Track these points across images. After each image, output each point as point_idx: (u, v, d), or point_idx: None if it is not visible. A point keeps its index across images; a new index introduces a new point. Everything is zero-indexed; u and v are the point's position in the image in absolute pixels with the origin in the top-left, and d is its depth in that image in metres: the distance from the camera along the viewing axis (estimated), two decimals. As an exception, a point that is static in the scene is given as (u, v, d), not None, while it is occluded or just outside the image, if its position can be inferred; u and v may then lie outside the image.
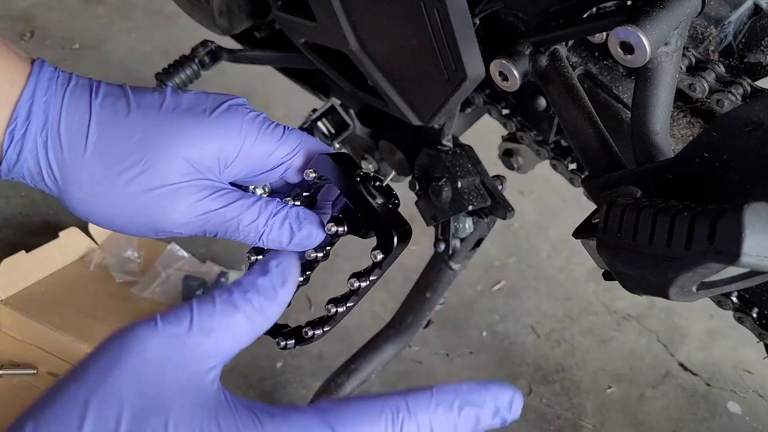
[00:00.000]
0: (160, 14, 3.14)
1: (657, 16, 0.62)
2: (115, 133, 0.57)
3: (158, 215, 0.58)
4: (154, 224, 0.58)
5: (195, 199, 0.58)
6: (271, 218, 0.61)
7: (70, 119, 0.57)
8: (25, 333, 1.71)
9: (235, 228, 0.60)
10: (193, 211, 0.58)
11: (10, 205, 2.13)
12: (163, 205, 0.57)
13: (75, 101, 0.57)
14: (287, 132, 0.63)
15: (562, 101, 0.75)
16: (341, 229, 0.63)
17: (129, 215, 0.58)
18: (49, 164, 0.57)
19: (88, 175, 0.57)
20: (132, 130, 0.57)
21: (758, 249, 0.42)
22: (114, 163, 0.56)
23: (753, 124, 0.51)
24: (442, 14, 0.75)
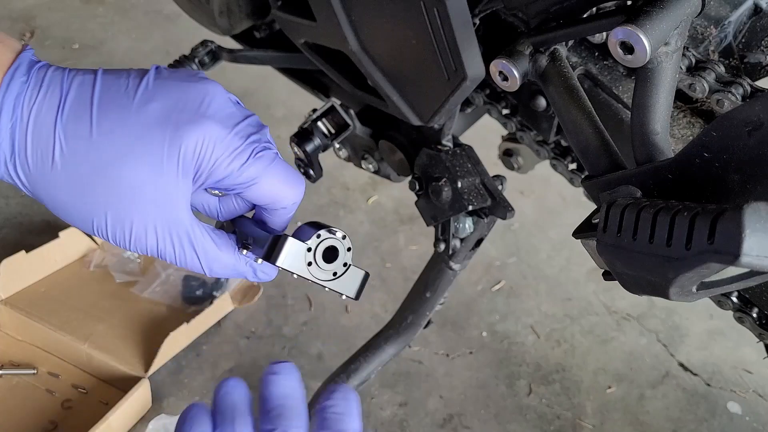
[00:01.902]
0: (160, 14, 3.14)
1: (657, 16, 0.62)
2: (78, 157, 0.56)
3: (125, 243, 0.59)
4: (116, 228, 0.59)
5: (157, 240, 0.59)
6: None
7: (35, 141, 0.56)
8: (25, 333, 1.71)
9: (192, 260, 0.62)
10: (157, 223, 0.59)
11: (10, 205, 2.13)
12: (127, 237, 0.59)
13: (41, 119, 0.56)
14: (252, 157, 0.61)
15: (562, 101, 0.75)
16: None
17: (97, 214, 0.58)
18: (17, 174, 0.57)
19: (58, 186, 0.57)
20: (95, 157, 0.56)
21: (758, 249, 0.42)
22: (79, 189, 0.57)
23: (753, 124, 0.51)
24: (442, 14, 0.75)
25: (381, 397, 1.74)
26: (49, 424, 1.54)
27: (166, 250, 0.60)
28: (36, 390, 1.61)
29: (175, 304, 1.84)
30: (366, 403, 1.72)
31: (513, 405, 1.76)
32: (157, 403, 1.64)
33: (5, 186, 2.18)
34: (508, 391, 1.80)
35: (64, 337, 1.65)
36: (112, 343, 1.67)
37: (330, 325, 1.91)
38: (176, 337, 1.68)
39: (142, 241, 0.59)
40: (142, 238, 0.58)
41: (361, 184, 2.41)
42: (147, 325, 1.75)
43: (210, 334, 1.82)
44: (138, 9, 3.19)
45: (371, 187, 2.39)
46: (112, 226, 0.58)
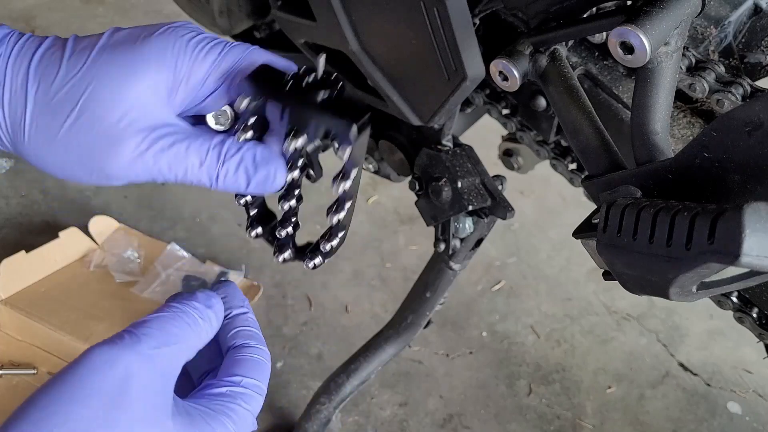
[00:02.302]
0: (160, 14, 3.14)
1: (657, 16, 0.62)
2: (51, 82, 0.56)
3: (102, 162, 0.57)
4: (102, 171, 0.57)
5: (136, 142, 0.56)
6: (224, 162, 0.59)
7: (14, 76, 0.56)
8: (25, 333, 1.71)
9: (184, 173, 0.58)
10: (137, 154, 0.57)
11: (10, 205, 2.13)
12: (105, 151, 0.56)
13: (20, 58, 0.57)
14: (227, 48, 0.60)
15: (562, 101, 0.75)
16: (300, 141, 0.60)
17: (75, 163, 0.57)
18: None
19: (33, 129, 0.56)
20: (66, 77, 0.56)
21: (758, 249, 0.42)
22: (53, 114, 0.56)
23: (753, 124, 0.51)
24: (442, 14, 0.75)
25: (381, 397, 1.74)
26: (50, 423, 1.54)
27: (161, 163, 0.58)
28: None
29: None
30: (366, 403, 1.72)
31: (513, 405, 1.77)
32: (157, 403, 1.64)
33: (5, 186, 2.18)
34: (508, 391, 1.80)
35: (64, 337, 1.65)
36: (112, 343, 1.67)
37: (330, 324, 1.91)
38: (176, 336, 1.68)
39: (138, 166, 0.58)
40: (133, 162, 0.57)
41: (361, 184, 2.40)
42: (147, 325, 1.75)
43: (210, 334, 1.82)
44: (138, 9, 3.19)
45: (371, 187, 2.39)
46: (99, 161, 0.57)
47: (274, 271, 2.04)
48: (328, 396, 1.41)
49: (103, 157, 0.56)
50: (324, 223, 0.65)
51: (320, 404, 1.43)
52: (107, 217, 2.01)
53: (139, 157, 0.57)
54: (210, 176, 0.59)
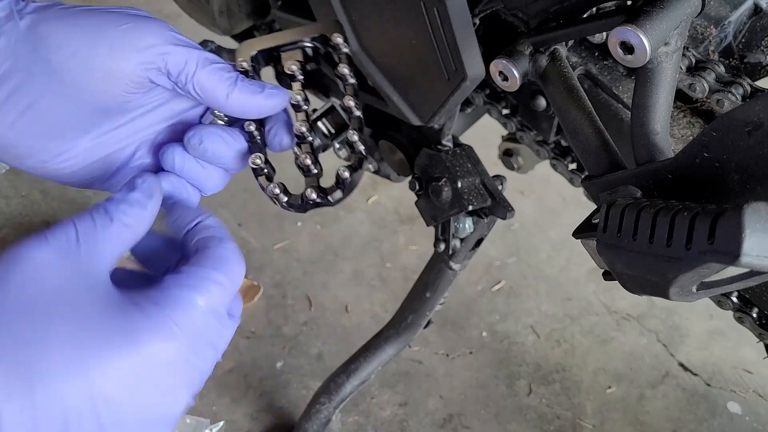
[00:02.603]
0: (160, 14, 3.14)
1: (657, 16, 0.62)
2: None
3: (144, 25, 0.59)
4: (133, 34, 0.58)
5: (170, 27, 0.61)
6: (239, 78, 0.62)
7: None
8: (25, 333, 1.71)
9: (207, 62, 0.60)
10: (169, 28, 0.60)
11: (10, 206, 2.13)
12: (147, 21, 0.60)
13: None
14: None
15: (562, 101, 0.75)
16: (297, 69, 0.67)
17: (107, 24, 0.57)
18: (23, 4, 0.57)
19: (62, 7, 0.58)
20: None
21: (758, 249, 0.42)
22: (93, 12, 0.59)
23: (753, 124, 0.51)
24: (442, 14, 0.75)
25: (381, 396, 1.74)
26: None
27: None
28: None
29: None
30: (366, 403, 1.72)
31: (513, 405, 1.77)
32: (157, 403, 1.64)
33: (6, 186, 2.18)
34: (508, 391, 1.80)
35: (64, 337, 1.65)
36: (112, 343, 1.67)
37: (330, 324, 1.91)
38: (176, 336, 1.68)
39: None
40: None
41: (361, 184, 2.41)
42: (147, 325, 1.75)
43: (210, 334, 1.82)
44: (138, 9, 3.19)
45: (371, 187, 2.39)
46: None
47: (274, 271, 2.04)
48: (328, 396, 1.41)
49: (142, 25, 0.59)
50: (324, 222, 0.65)
51: (320, 404, 1.43)
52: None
53: (169, 33, 0.60)
54: (230, 76, 0.61)
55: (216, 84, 0.60)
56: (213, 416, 1.63)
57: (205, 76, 0.59)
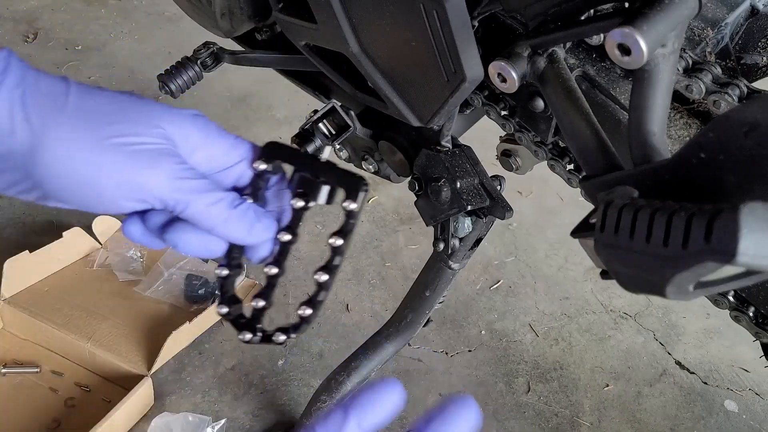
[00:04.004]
0: (162, 16, 3.15)
1: (654, 18, 0.63)
2: (94, 101, 0.58)
3: (138, 170, 0.57)
4: (133, 182, 0.58)
5: (173, 163, 0.59)
6: (235, 206, 0.63)
7: (47, 86, 0.57)
8: (29, 331, 1.72)
9: (203, 206, 0.61)
10: (170, 174, 0.59)
11: (14, 205, 2.13)
12: (145, 161, 0.58)
13: (48, 77, 0.57)
14: (236, 138, 0.66)
15: (560, 102, 0.76)
16: (302, 203, 0.69)
17: (109, 170, 0.57)
18: (25, 114, 0.55)
19: (69, 130, 0.56)
20: (111, 99, 0.58)
21: (754, 248, 0.43)
22: (96, 120, 0.57)
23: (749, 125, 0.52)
24: (441, 16, 0.76)
25: (381, 395, 1.75)
26: (53, 422, 1.55)
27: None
28: (39, 388, 1.62)
29: (178, 303, 1.84)
30: (366, 402, 1.73)
31: (511, 403, 1.78)
32: (159, 401, 1.65)
33: (6, 186, 2.18)
34: (506, 389, 1.81)
35: (67, 335, 1.66)
36: (114, 341, 1.68)
37: (331, 323, 1.92)
38: (178, 335, 1.69)
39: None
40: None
41: (361, 184, 2.41)
42: (149, 324, 1.76)
43: (212, 333, 1.83)
44: (140, 11, 3.19)
45: (371, 187, 2.39)
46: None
47: (274, 271, 2.05)
48: (329, 394, 1.42)
49: (140, 168, 0.57)
50: (324, 222, 0.67)
51: (321, 402, 1.44)
52: (110, 217, 2.02)
53: (169, 178, 0.59)
54: (220, 215, 0.62)
55: (202, 221, 0.62)
56: (214, 414, 1.64)
57: (192, 216, 0.62)
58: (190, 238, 0.64)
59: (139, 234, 0.65)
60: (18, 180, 0.57)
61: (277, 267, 0.72)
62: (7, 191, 0.58)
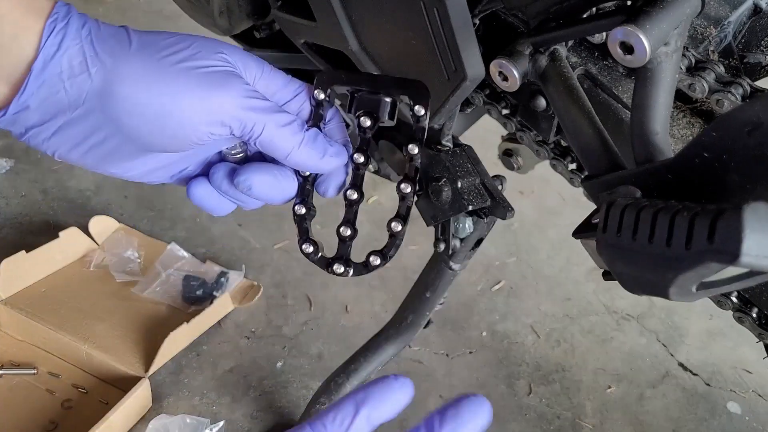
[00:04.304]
0: (160, 14, 3.15)
1: (657, 17, 0.62)
2: (155, 37, 0.59)
3: (213, 90, 0.58)
4: (210, 102, 0.58)
5: (243, 83, 0.60)
6: (307, 129, 0.65)
7: (107, 29, 0.59)
8: (25, 333, 1.71)
9: (277, 127, 0.61)
10: (243, 92, 0.60)
11: (10, 205, 2.13)
12: (217, 82, 0.59)
13: (106, 23, 0.60)
14: (289, 75, 0.68)
15: (562, 101, 0.75)
16: (369, 122, 0.70)
17: (185, 93, 0.57)
18: (95, 51, 0.56)
19: (139, 62, 0.57)
20: (169, 35, 0.60)
21: (758, 249, 0.42)
22: (162, 51, 0.58)
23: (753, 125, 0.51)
24: (442, 14, 0.75)
25: (381, 396, 1.74)
26: (50, 423, 1.54)
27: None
28: (36, 390, 1.61)
29: (176, 304, 1.84)
30: (366, 403, 1.72)
31: (513, 405, 1.77)
32: (157, 403, 1.64)
33: (6, 186, 2.18)
34: (508, 391, 1.80)
35: (64, 336, 1.66)
36: (112, 343, 1.68)
37: (330, 324, 1.91)
38: (176, 337, 1.68)
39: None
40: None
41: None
42: (147, 325, 1.75)
43: (210, 334, 1.83)
44: (138, 9, 3.19)
45: (371, 187, 2.39)
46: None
47: (274, 271, 2.04)
48: (328, 396, 1.41)
49: (212, 88, 0.58)
50: (324, 222, 0.67)
51: (320, 404, 1.43)
52: (107, 217, 2.01)
53: (242, 97, 0.59)
54: (294, 138, 0.63)
55: (278, 145, 0.63)
56: (213, 416, 1.63)
57: (267, 138, 0.62)
58: (263, 178, 0.64)
59: (208, 193, 0.66)
60: (95, 126, 0.58)
61: (357, 192, 0.72)
62: (80, 148, 0.59)
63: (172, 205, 2.18)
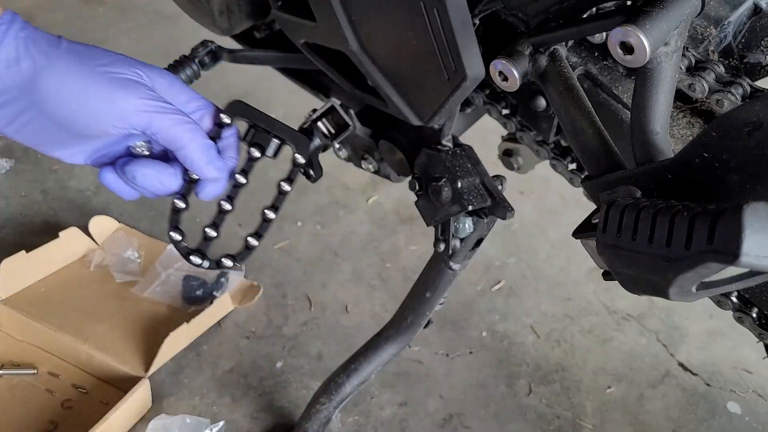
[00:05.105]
0: (160, 14, 3.15)
1: (657, 17, 0.62)
2: (82, 47, 0.73)
3: (118, 91, 0.72)
4: (114, 101, 0.71)
5: (146, 89, 0.74)
6: (200, 134, 0.77)
7: (43, 34, 0.71)
8: (25, 333, 1.71)
9: (171, 123, 0.74)
10: (144, 95, 0.73)
11: (10, 205, 2.13)
12: (124, 85, 0.72)
13: (43, 31, 0.72)
14: (197, 94, 0.81)
15: (562, 101, 0.75)
16: (258, 153, 0.85)
17: (95, 91, 0.71)
18: (28, 49, 0.69)
19: (64, 62, 0.70)
20: (95, 48, 0.74)
21: (758, 249, 0.43)
22: (84, 57, 0.72)
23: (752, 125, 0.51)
24: (442, 14, 0.75)
25: (381, 396, 1.74)
26: (49, 423, 1.54)
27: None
28: (36, 390, 1.61)
29: (175, 304, 1.84)
30: (366, 403, 1.72)
31: (513, 405, 1.77)
32: (157, 403, 1.64)
33: (6, 186, 2.18)
34: (508, 391, 1.80)
35: (64, 337, 1.66)
36: (112, 343, 1.68)
37: (330, 324, 1.91)
38: (176, 337, 1.68)
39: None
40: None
41: (361, 184, 2.41)
42: (147, 325, 1.75)
43: (210, 334, 1.83)
44: (138, 9, 3.19)
45: (371, 187, 2.39)
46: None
47: (274, 272, 2.04)
48: (328, 396, 1.41)
49: (122, 91, 0.72)
50: (324, 222, 0.67)
51: (320, 404, 1.43)
52: (107, 218, 2.01)
53: (147, 103, 0.73)
54: (187, 135, 0.75)
55: (173, 137, 0.75)
56: (213, 416, 1.63)
57: (164, 132, 0.75)
58: (147, 172, 0.78)
59: (114, 180, 0.79)
60: (24, 108, 0.71)
61: (230, 204, 0.85)
62: (13, 125, 0.73)
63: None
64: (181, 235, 0.84)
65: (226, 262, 0.84)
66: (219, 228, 0.85)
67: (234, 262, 0.85)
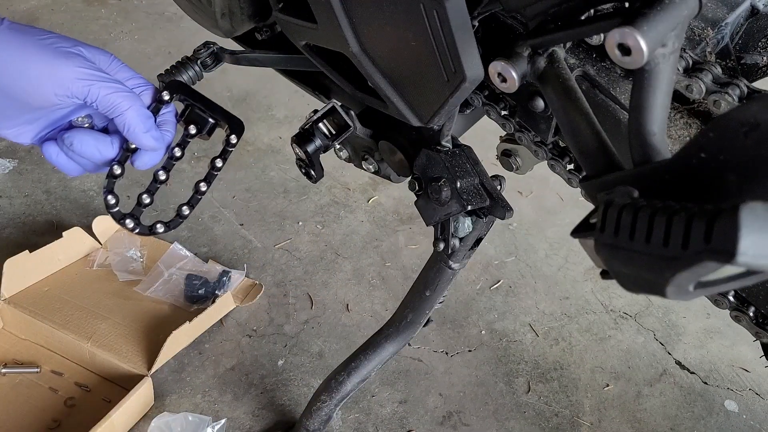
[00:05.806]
0: (162, 16, 3.15)
1: (654, 18, 0.63)
2: (27, 26, 0.75)
3: (57, 61, 0.74)
4: (53, 71, 0.74)
5: (86, 60, 0.76)
6: (139, 104, 0.79)
7: None
8: (29, 331, 1.72)
9: (109, 91, 0.76)
10: (83, 65, 0.75)
11: (14, 205, 2.14)
12: (63, 56, 0.74)
13: None
14: (137, 73, 0.84)
15: (560, 102, 0.76)
16: (194, 130, 0.89)
17: (36, 60, 0.73)
18: None
19: (5, 35, 0.73)
20: (41, 29, 0.76)
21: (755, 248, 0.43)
22: (27, 33, 0.74)
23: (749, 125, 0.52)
24: (441, 16, 0.76)
25: (381, 394, 1.75)
26: (52, 422, 1.55)
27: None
28: (39, 388, 1.62)
29: (178, 303, 1.84)
30: (366, 401, 1.73)
31: (512, 402, 1.78)
32: (159, 401, 1.65)
33: (9, 186, 2.18)
34: (506, 389, 1.81)
35: (67, 335, 1.66)
36: (114, 341, 1.68)
37: (331, 323, 1.92)
38: (178, 335, 1.69)
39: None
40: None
41: (362, 185, 2.41)
42: (149, 324, 1.76)
43: (212, 333, 1.83)
44: (140, 11, 3.19)
45: (371, 187, 2.40)
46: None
47: (276, 270, 2.05)
48: (329, 394, 1.42)
49: (61, 61, 0.74)
50: (325, 221, 0.67)
51: (321, 402, 1.44)
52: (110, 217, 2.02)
53: (84, 72, 0.75)
54: (126, 102, 0.78)
55: (113, 104, 0.77)
56: (215, 414, 1.64)
57: (103, 99, 0.77)
58: (84, 138, 0.80)
59: (56, 153, 0.81)
60: None
61: (166, 174, 0.88)
62: None
63: (175, 206, 2.19)
64: (116, 199, 0.86)
65: (159, 228, 0.88)
66: (153, 195, 0.88)
67: (166, 228, 0.88)
